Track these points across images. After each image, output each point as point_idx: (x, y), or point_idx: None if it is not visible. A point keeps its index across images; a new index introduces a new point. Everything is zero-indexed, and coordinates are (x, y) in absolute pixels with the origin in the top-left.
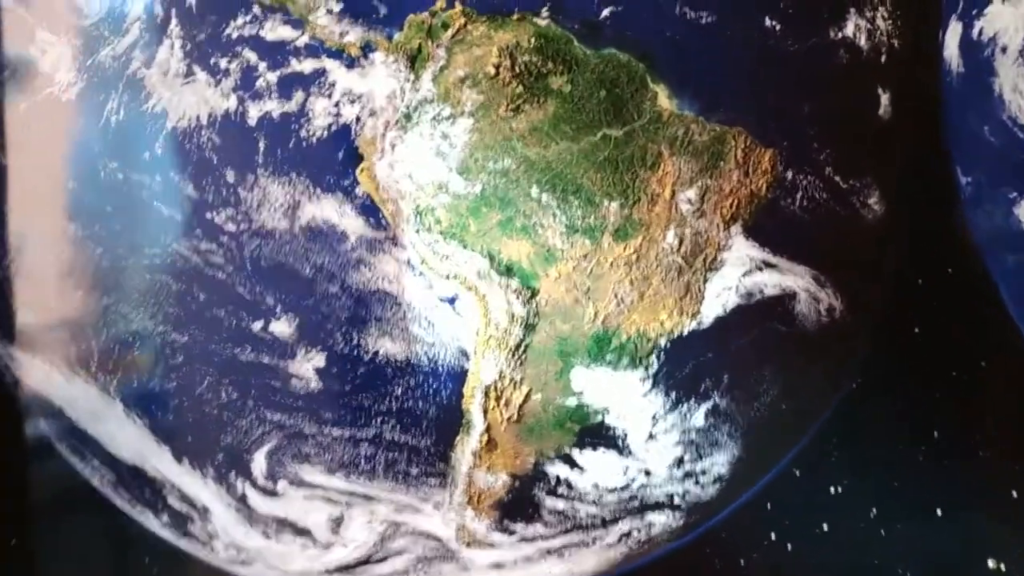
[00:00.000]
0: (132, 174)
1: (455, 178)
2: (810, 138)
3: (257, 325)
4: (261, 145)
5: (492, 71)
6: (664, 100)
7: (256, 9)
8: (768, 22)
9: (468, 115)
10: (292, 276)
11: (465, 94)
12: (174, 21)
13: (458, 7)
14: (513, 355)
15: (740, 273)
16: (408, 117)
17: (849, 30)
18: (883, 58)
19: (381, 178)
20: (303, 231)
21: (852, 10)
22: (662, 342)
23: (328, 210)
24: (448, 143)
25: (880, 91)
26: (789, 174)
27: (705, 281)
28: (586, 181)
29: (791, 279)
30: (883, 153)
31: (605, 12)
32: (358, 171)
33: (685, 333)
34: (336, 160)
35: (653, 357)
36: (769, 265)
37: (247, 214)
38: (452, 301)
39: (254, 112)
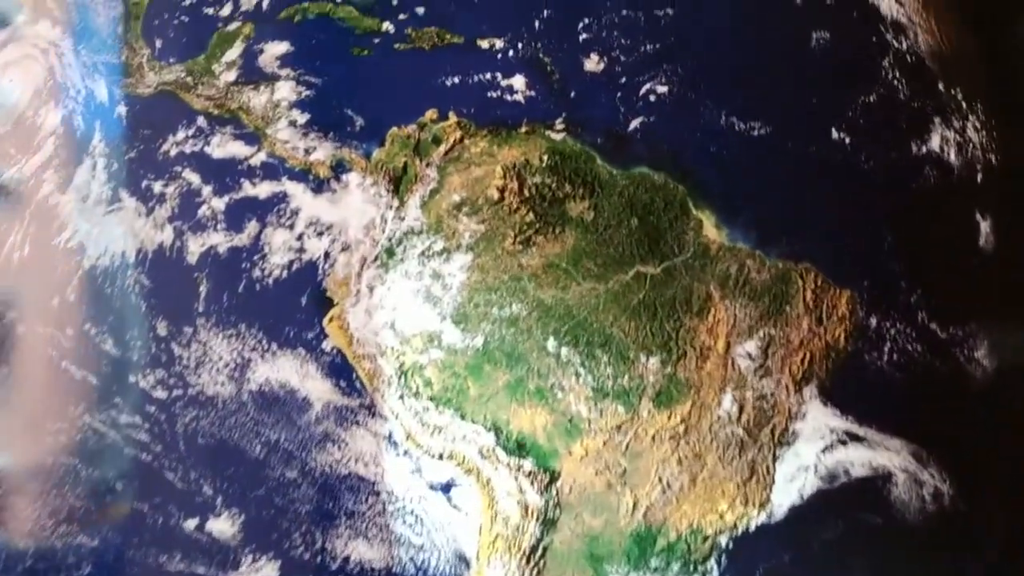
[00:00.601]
0: (36, 325)
1: (450, 328)
2: (896, 276)
3: (191, 523)
4: (203, 289)
5: (496, 195)
6: (711, 230)
7: (201, 121)
8: (835, 134)
9: (466, 249)
10: (238, 457)
11: (462, 223)
12: (98, 136)
13: (453, 118)
14: (527, 561)
15: (818, 449)
16: (391, 252)
17: (935, 143)
18: (979, 176)
19: (356, 329)
20: (253, 398)
21: (937, 120)
22: (723, 541)
23: (286, 371)
24: (441, 284)
25: (979, 216)
26: (872, 321)
27: (774, 459)
28: (617, 331)
29: (884, 456)
30: (988, 293)
31: (634, 123)
32: (326, 320)
33: (752, 528)
34: (298, 307)
35: (712, 562)
36: (855, 438)
37: (182, 377)
38: (447, 489)
39: (195, 247)
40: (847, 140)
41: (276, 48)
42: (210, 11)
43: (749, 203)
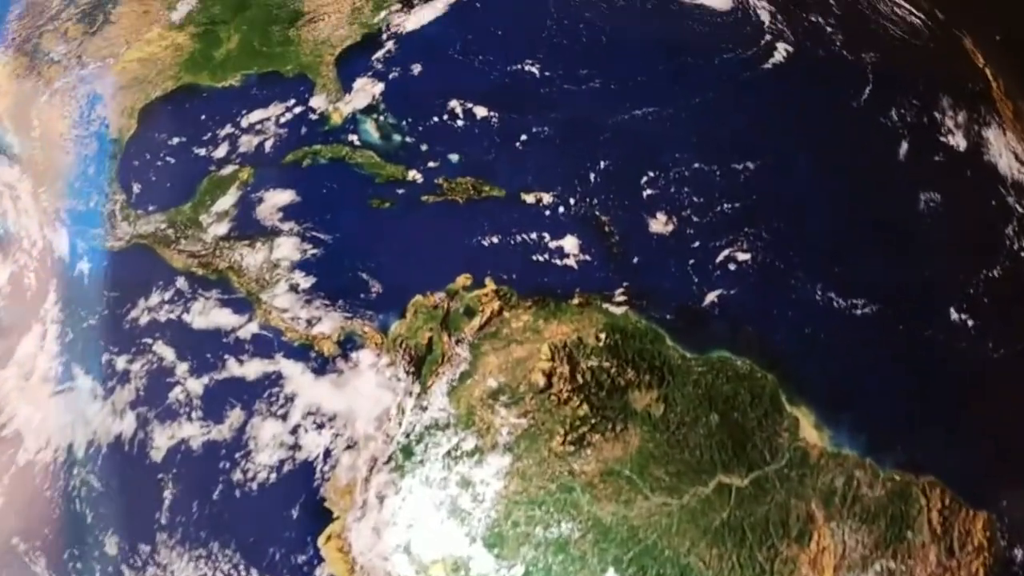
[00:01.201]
0: None
1: (482, 553)
2: None
3: None
4: (167, 494)
5: (542, 381)
6: (810, 431)
7: (182, 283)
8: (955, 315)
9: (504, 449)
10: None
11: (499, 416)
12: (52, 297)
13: (490, 285)
14: None
15: None
16: (408, 452)
17: None
18: None
19: (360, 552)
20: None
21: None
22: None
23: None
24: (471, 495)
25: None
26: (1018, 553)
27: None
28: (695, 560)
29: None
30: None
31: (711, 296)
32: (322, 539)
33: None
34: (287, 520)
35: None
36: None
37: None
38: None
39: (161, 440)
40: (970, 322)
41: (278, 197)
42: (201, 152)
43: (855, 398)
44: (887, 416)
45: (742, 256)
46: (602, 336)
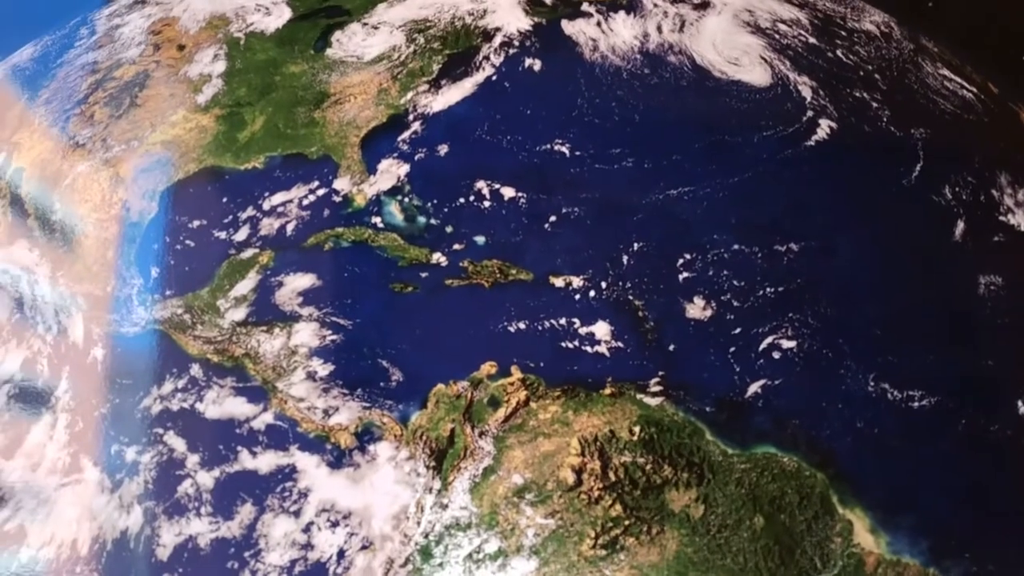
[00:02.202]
0: None
1: None
2: None
3: None
4: None
5: (571, 478)
6: (865, 536)
7: (196, 370)
8: (1022, 408)
9: (530, 552)
10: None
11: (525, 516)
12: (64, 385)
13: (516, 374)
14: None
15: None
16: (427, 554)
17: None
18: None
19: None
20: None
21: None
22: None
23: None
24: None
25: None
26: None
27: None
28: None
29: None
30: None
31: (754, 387)
32: None
33: None
34: None
35: None
36: None
37: None
38: None
39: (168, 537)
40: None
41: (298, 281)
42: (222, 235)
43: (914, 500)
44: (951, 520)
45: (787, 344)
46: (636, 430)
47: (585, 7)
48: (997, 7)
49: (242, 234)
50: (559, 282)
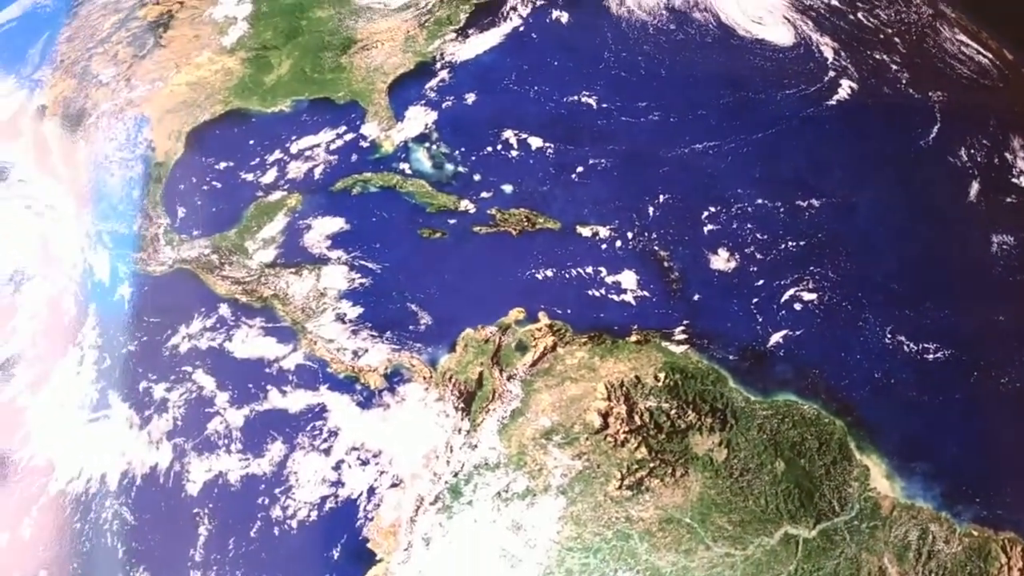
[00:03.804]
0: None
1: None
2: None
3: None
4: (203, 530)
5: (597, 422)
6: (881, 480)
7: (225, 310)
8: None
9: (557, 492)
10: None
11: (553, 457)
12: (91, 322)
13: (543, 320)
14: None
15: None
16: (456, 492)
17: None
18: None
19: None
20: None
21: None
22: None
23: None
24: (523, 539)
25: None
26: None
27: None
28: None
29: None
30: None
31: (776, 337)
32: None
33: None
34: (328, 562)
35: None
36: None
37: None
38: None
39: (198, 473)
40: None
41: (327, 225)
42: (248, 177)
43: (929, 448)
44: (964, 468)
45: (808, 296)
46: (661, 376)
47: None
48: None
49: (269, 177)
50: (586, 231)
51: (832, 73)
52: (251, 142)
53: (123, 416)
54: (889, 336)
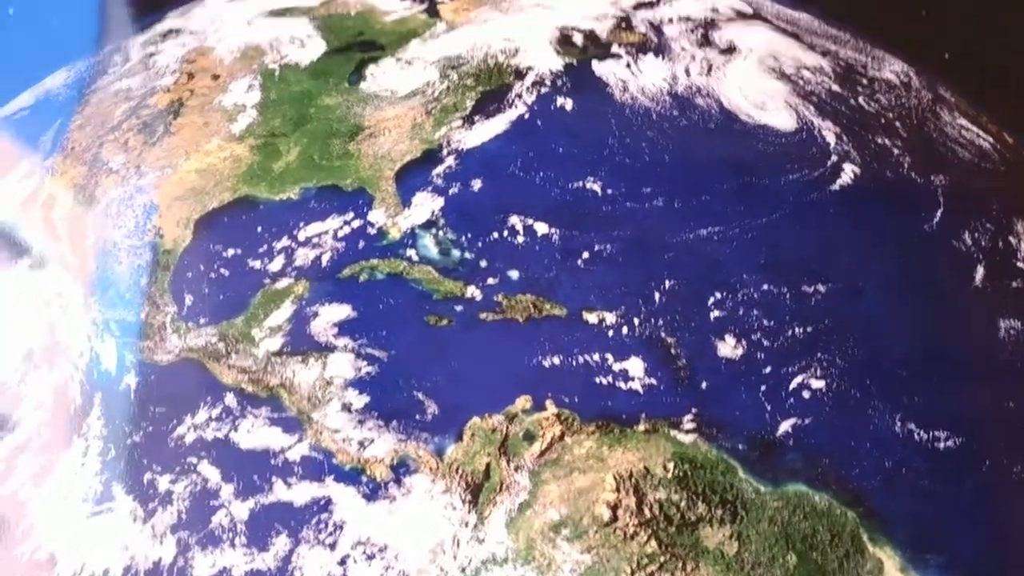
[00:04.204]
0: None
1: None
2: None
3: None
4: None
5: (606, 514)
6: (895, 574)
7: (231, 399)
8: None
9: None
10: None
11: (562, 551)
12: (96, 412)
13: (551, 409)
14: None
15: None
16: None
17: None
18: None
19: None
20: None
21: None
22: None
23: None
24: None
25: None
26: None
27: None
28: None
29: None
30: None
31: (785, 426)
32: None
33: None
34: None
35: None
36: None
37: None
38: None
39: (203, 567)
40: None
41: (334, 312)
42: (256, 264)
43: (943, 540)
44: (978, 559)
45: (816, 383)
46: (670, 466)
47: (615, 49)
48: (1010, 59)
49: (277, 264)
50: (592, 318)
51: (835, 158)
52: (259, 229)
53: (127, 509)
54: (899, 424)
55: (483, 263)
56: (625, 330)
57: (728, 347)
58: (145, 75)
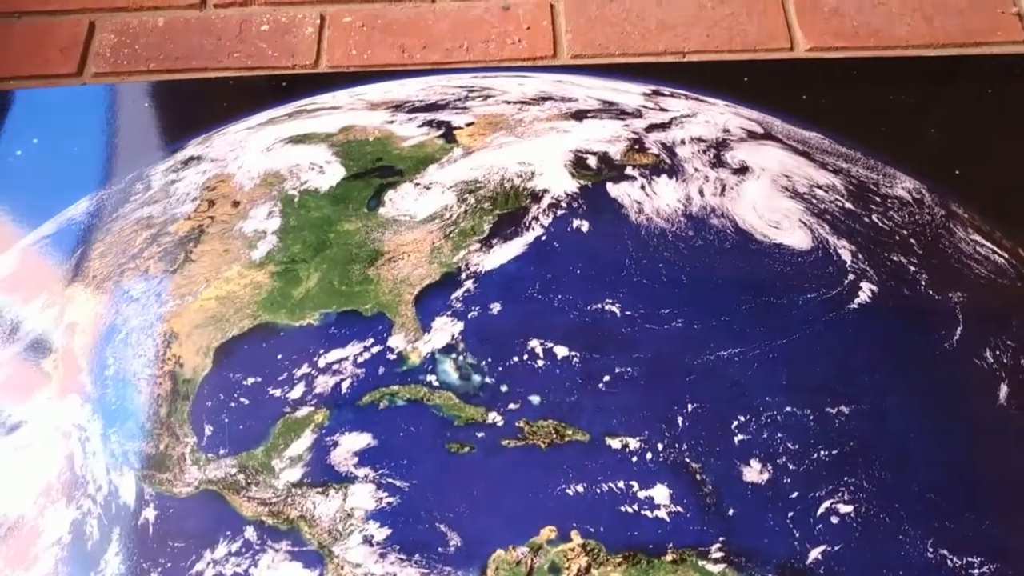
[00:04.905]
0: None
1: None
2: None
3: None
4: None
5: None
6: None
7: (251, 533)
8: None
9: None
10: None
11: None
12: (114, 547)
13: (576, 539)
14: None
15: None
16: None
17: None
18: None
19: None
20: None
21: None
22: None
23: None
24: None
25: None
26: None
27: None
28: None
29: None
30: None
31: (815, 553)
32: None
33: None
34: None
35: None
36: None
37: None
38: None
39: None
40: None
41: (354, 441)
42: (276, 392)
43: None
44: None
45: (844, 508)
46: None
47: (629, 171)
48: (1021, 174)
49: (297, 392)
50: (615, 443)
51: (851, 276)
52: (279, 356)
53: None
54: (931, 550)
55: (504, 388)
56: (649, 456)
57: (754, 472)
58: (166, 202)
